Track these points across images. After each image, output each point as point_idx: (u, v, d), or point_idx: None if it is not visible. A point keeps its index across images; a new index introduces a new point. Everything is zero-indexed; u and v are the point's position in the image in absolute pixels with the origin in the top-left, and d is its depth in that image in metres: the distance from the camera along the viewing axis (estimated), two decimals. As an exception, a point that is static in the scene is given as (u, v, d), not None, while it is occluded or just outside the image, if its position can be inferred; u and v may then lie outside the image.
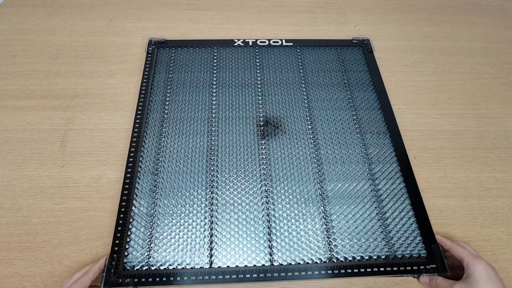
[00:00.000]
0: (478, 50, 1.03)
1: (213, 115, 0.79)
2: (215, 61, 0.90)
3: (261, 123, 0.79)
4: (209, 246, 0.63)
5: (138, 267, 0.60)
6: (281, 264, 0.62)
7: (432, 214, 0.72)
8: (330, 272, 0.61)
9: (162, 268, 0.61)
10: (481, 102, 0.91)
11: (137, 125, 0.77)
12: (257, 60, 0.90)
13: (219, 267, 0.61)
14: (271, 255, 0.63)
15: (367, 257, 0.63)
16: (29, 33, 0.99)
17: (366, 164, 0.74)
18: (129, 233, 0.64)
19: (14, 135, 0.79)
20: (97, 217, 0.69)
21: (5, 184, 0.72)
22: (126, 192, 0.68)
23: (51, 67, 0.92)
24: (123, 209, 0.66)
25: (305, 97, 0.84)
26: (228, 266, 0.61)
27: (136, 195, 0.68)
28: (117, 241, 0.63)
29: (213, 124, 0.78)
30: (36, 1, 1.07)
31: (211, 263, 0.61)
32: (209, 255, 0.62)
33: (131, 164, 0.71)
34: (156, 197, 0.68)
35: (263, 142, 0.76)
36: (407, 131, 0.84)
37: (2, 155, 0.76)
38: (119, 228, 0.64)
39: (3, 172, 0.74)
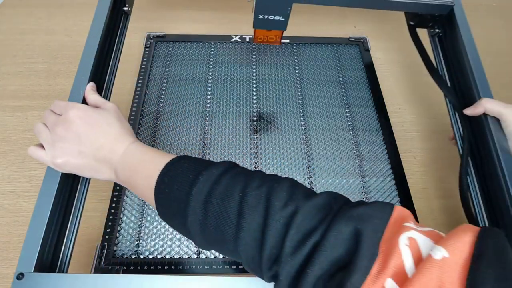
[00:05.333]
0: (478, 50, 1.05)
1: (207, 109, 0.84)
2: (211, 56, 0.95)
3: (255, 118, 0.83)
4: (198, 237, 0.67)
5: (128, 255, 0.65)
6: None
7: (432, 215, 0.74)
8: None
9: (150, 257, 0.65)
10: (481, 102, 0.94)
11: (132, 117, 0.82)
12: (253, 56, 0.95)
13: (206, 257, 0.65)
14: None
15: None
16: (29, 33, 1.03)
17: (357, 161, 0.78)
18: (120, 222, 0.68)
19: (14, 135, 0.82)
20: (97, 217, 0.71)
21: (5, 184, 0.75)
22: (119, 182, 0.72)
23: (51, 67, 0.95)
24: (115, 199, 0.70)
25: (300, 93, 0.88)
26: (215, 257, 0.65)
27: (129, 186, 0.72)
28: (108, 229, 0.67)
29: (207, 118, 0.82)
30: (36, 1, 1.11)
31: (198, 253, 0.65)
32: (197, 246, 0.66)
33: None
34: (147, 188, 0.72)
35: (255, 136, 0.80)
36: (407, 131, 0.87)
37: (2, 155, 0.79)
38: (111, 217, 0.68)
39: (3, 172, 0.76)
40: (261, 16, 0.65)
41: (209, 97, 0.86)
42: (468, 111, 0.63)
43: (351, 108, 0.86)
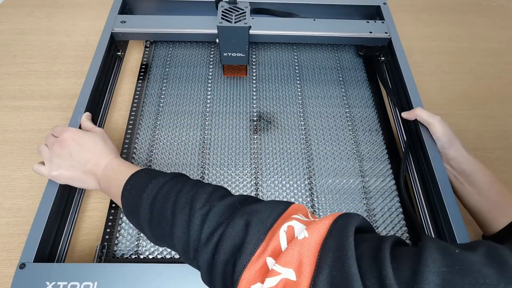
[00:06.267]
0: (478, 50, 1.06)
1: (207, 109, 0.84)
2: (211, 56, 0.94)
3: (254, 118, 0.83)
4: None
5: (128, 255, 0.65)
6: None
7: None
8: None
9: (150, 257, 0.65)
10: (481, 102, 0.94)
11: (132, 117, 0.82)
12: (253, 56, 0.95)
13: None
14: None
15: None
16: (29, 33, 1.03)
17: (356, 161, 0.77)
18: (120, 222, 0.68)
19: (14, 135, 0.82)
20: (97, 217, 0.72)
21: (5, 184, 0.75)
22: (119, 182, 0.72)
23: (51, 67, 0.95)
24: (115, 199, 0.70)
25: (300, 93, 0.88)
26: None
27: (128, 186, 0.72)
28: (108, 230, 0.67)
29: (207, 118, 0.82)
30: (36, 1, 1.11)
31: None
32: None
33: (124, 156, 0.76)
34: (147, 188, 0.72)
35: (255, 136, 0.80)
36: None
37: (2, 155, 0.79)
38: (111, 217, 0.68)
39: (3, 172, 0.76)
40: (225, 54, 0.79)
41: (209, 97, 0.86)
42: (403, 115, 0.76)
43: (351, 108, 0.86)
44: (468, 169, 0.66)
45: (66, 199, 0.66)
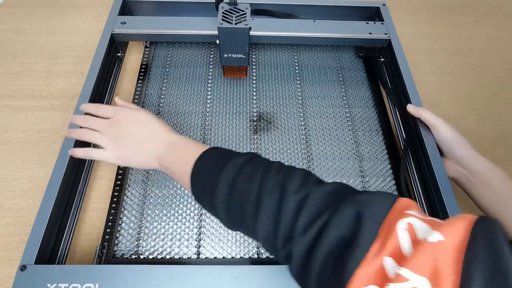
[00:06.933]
0: (478, 50, 1.06)
1: (207, 109, 0.84)
2: (211, 56, 0.94)
3: (254, 118, 0.83)
4: (197, 237, 0.67)
5: (128, 255, 0.65)
6: (268, 256, 0.65)
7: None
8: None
9: (150, 257, 0.65)
10: (481, 102, 0.94)
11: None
12: (253, 56, 0.95)
13: (206, 258, 0.65)
14: (258, 247, 0.66)
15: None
16: (29, 33, 1.03)
17: (356, 161, 0.77)
18: (120, 222, 0.68)
19: (14, 135, 0.82)
20: (97, 217, 0.72)
21: (5, 184, 0.75)
22: (119, 182, 0.73)
23: (51, 67, 0.95)
24: (115, 199, 0.70)
25: (300, 93, 0.88)
26: (215, 257, 0.65)
27: (129, 185, 0.72)
28: (108, 229, 0.67)
29: (207, 118, 0.82)
30: (36, 1, 1.11)
31: (198, 253, 0.65)
32: (197, 246, 0.66)
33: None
34: (147, 188, 0.72)
35: (255, 136, 0.80)
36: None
37: (2, 155, 0.79)
38: (111, 217, 0.68)
39: (3, 173, 0.76)
40: (226, 55, 0.79)
41: (209, 97, 0.86)
42: (410, 107, 0.75)
43: (351, 108, 0.86)
44: (480, 168, 0.65)
45: (67, 200, 0.66)
